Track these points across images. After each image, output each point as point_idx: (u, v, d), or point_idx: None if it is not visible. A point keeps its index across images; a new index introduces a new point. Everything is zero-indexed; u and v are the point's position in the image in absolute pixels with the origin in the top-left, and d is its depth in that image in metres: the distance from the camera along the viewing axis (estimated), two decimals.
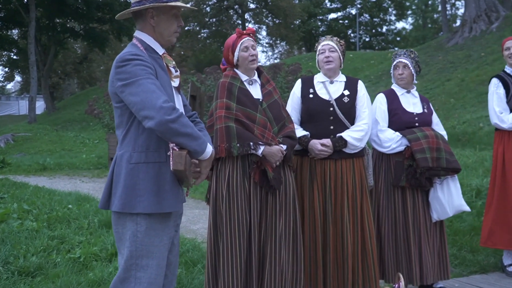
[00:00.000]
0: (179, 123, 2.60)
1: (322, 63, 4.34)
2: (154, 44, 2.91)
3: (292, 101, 4.35)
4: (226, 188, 3.79)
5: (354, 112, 4.28)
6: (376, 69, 25.29)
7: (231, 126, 3.79)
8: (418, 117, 4.50)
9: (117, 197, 2.71)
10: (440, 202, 4.37)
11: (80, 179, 12.59)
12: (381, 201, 4.46)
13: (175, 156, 2.66)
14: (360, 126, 4.23)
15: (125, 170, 2.71)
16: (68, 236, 5.86)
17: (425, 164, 4.26)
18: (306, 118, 4.28)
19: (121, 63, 2.70)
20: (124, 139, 2.78)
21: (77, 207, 7.44)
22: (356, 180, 4.19)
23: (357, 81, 4.41)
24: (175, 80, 2.96)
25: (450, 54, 21.43)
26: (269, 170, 3.80)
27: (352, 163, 4.22)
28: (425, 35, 55.55)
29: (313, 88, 4.32)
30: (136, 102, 2.61)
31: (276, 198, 3.86)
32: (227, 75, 4.02)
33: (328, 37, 4.44)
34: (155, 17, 2.88)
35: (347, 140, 4.16)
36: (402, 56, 4.64)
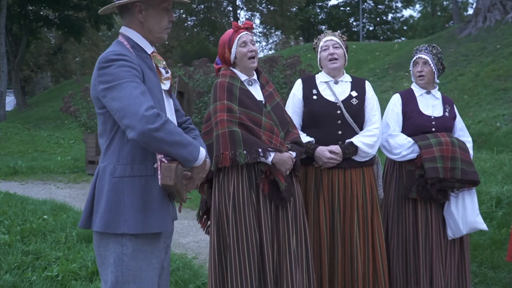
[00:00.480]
0: (165, 131, 2.54)
1: (325, 61, 4.28)
2: (142, 42, 2.86)
3: (293, 103, 4.27)
4: (232, 204, 3.68)
5: (363, 115, 4.24)
6: (381, 61, 25.28)
7: (235, 130, 3.69)
8: (436, 121, 4.44)
9: (99, 215, 2.66)
10: (453, 217, 4.31)
11: (55, 185, 12.49)
12: (391, 214, 4.42)
13: (164, 169, 2.61)
14: (371, 130, 4.18)
15: (108, 185, 2.66)
16: (44, 251, 5.80)
17: (435, 174, 4.19)
18: (309, 123, 4.21)
19: (104, 64, 2.64)
20: (107, 150, 2.73)
21: (53, 217, 7.36)
22: (367, 191, 4.14)
23: (364, 81, 4.37)
24: (165, 82, 2.90)
25: (462, 46, 21.45)
26: (281, 180, 3.71)
27: (362, 173, 4.17)
28: (434, 23, 55.69)
29: (316, 89, 4.25)
30: (118, 109, 2.55)
31: (287, 212, 3.78)
32: (224, 74, 3.94)
33: (329, 31, 4.39)
34: (144, 12, 2.82)
35: (358, 147, 4.11)
36: (423, 51, 4.57)
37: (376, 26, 58.10)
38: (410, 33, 57.11)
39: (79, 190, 11.59)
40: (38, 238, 6.38)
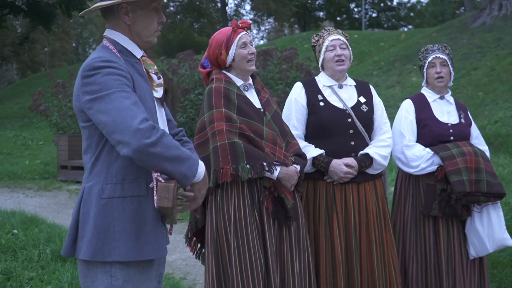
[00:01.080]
0: (162, 145, 2.51)
1: (331, 63, 4.27)
2: (131, 46, 2.83)
3: (296, 110, 4.25)
4: (234, 228, 3.62)
5: (372, 123, 4.27)
6: (387, 53, 25.35)
7: (237, 142, 3.66)
8: (454, 128, 4.46)
9: (86, 241, 2.61)
10: (478, 235, 4.31)
11: (24, 193, 12.47)
12: (408, 234, 4.41)
13: (161, 190, 2.57)
14: (385, 140, 4.21)
15: (96, 207, 2.62)
16: (16, 271, 5.78)
17: (462, 188, 4.19)
18: (317, 132, 4.20)
19: (89, 72, 2.60)
20: (93, 168, 2.69)
21: (23, 232, 7.35)
22: (380, 206, 4.17)
23: (368, 85, 4.41)
24: (157, 89, 2.88)
25: (476, 36, 21.53)
26: (287, 198, 3.70)
27: (374, 186, 4.20)
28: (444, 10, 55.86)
29: (321, 94, 4.26)
30: (107, 123, 2.51)
31: (290, 232, 3.77)
32: (219, 79, 3.90)
33: (332, 29, 4.39)
34: (130, 14, 2.79)
35: (374, 159, 4.13)
36: (437, 51, 4.57)
37: (380, 12, 58.24)
38: (418, 21, 57.29)
39: (51, 199, 11.58)
40: (7, 256, 6.36)
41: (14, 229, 7.57)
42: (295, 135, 4.15)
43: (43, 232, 7.29)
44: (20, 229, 7.58)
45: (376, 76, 21.23)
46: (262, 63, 13.21)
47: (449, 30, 24.25)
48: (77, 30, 61.04)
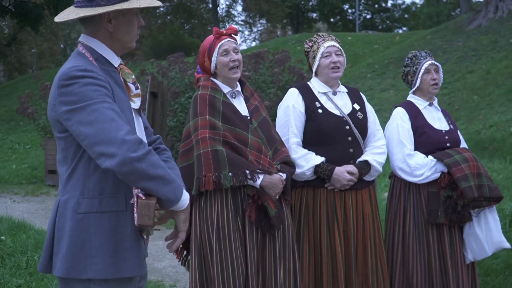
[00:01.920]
0: (148, 162, 2.48)
1: (326, 69, 4.33)
2: (108, 53, 2.78)
3: (294, 117, 4.28)
4: (216, 233, 3.69)
5: (367, 130, 4.34)
6: (381, 55, 25.42)
7: (219, 150, 3.71)
8: (448, 135, 4.55)
9: (61, 257, 2.58)
10: (477, 239, 4.39)
11: (11, 198, 12.46)
12: (411, 245, 4.44)
13: (141, 207, 2.53)
14: (380, 147, 4.32)
15: (71, 222, 2.58)
16: (4, 278, 5.82)
17: (472, 194, 4.27)
18: (315, 140, 4.26)
19: (66, 82, 2.54)
20: (69, 180, 2.64)
21: (11, 238, 7.37)
22: (374, 212, 4.27)
23: (359, 92, 4.51)
24: (135, 100, 2.83)
25: (472, 39, 21.63)
26: (270, 206, 3.74)
27: (369, 193, 4.29)
28: (439, 11, 56.06)
29: (318, 101, 4.32)
30: (89, 134, 2.47)
31: (275, 241, 3.82)
32: (205, 86, 3.96)
33: (326, 35, 4.45)
34: (113, 21, 2.74)
35: (372, 165, 4.22)
36: (429, 57, 4.64)
37: (374, 14, 58.40)
38: (413, 22, 57.45)
39: (39, 204, 11.59)
40: None
41: (1, 235, 7.59)
42: (295, 142, 4.23)
43: (31, 238, 7.32)
44: (7, 235, 7.59)
45: (370, 79, 21.31)
46: (253, 66, 13.23)
47: (444, 32, 24.36)
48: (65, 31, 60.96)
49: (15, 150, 21.57)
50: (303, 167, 4.17)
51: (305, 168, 4.17)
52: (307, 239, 4.20)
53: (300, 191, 4.28)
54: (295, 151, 4.22)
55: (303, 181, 4.24)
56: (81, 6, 2.70)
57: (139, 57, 18.72)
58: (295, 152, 4.21)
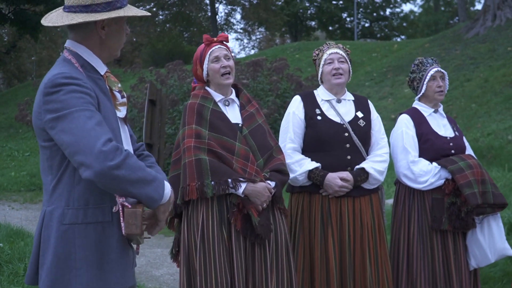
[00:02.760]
0: (126, 167, 2.45)
1: (328, 76, 4.36)
2: (95, 61, 2.76)
3: (293, 123, 4.32)
4: (201, 240, 3.69)
5: (370, 138, 4.33)
6: (379, 64, 25.45)
7: (203, 158, 3.72)
8: (453, 142, 4.56)
9: (46, 270, 2.55)
10: (480, 245, 4.40)
11: (9, 205, 12.47)
12: (415, 250, 4.45)
13: (128, 216, 2.52)
14: (381, 156, 4.29)
15: (56, 233, 2.55)
16: (1, 285, 5.80)
17: (475, 201, 4.28)
18: (314, 146, 4.28)
19: (51, 89, 2.51)
20: (54, 191, 2.61)
21: (9, 245, 7.35)
22: (375, 220, 4.25)
23: (367, 101, 4.49)
24: (121, 108, 2.81)
25: (469, 47, 21.66)
26: (253, 215, 3.71)
27: (370, 201, 4.27)
28: (438, 20, 56.17)
29: (319, 108, 4.33)
30: (70, 143, 2.44)
31: (265, 251, 3.78)
32: (196, 95, 3.98)
33: (333, 43, 4.48)
34: (106, 27, 2.73)
35: (370, 173, 4.20)
36: (435, 64, 4.65)
37: (373, 22, 58.40)
38: (411, 31, 57.50)
39: (37, 211, 11.57)
40: None
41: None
42: (291, 148, 4.25)
43: (29, 245, 7.29)
44: (5, 242, 7.57)
45: (368, 87, 21.33)
46: (252, 74, 13.26)
47: (442, 40, 24.39)
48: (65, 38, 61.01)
49: (14, 157, 21.54)
50: (296, 172, 4.21)
51: (298, 173, 4.21)
52: (302, 244, 4.22)
53: (297, 196, 4.32)
54: (290, 156, 4.25)
55: (300, 187, 4.26)
56: (75, 11, 2.67)
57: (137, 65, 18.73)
58: (290, 157, 4.24)
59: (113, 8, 2.68)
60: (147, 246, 7.98)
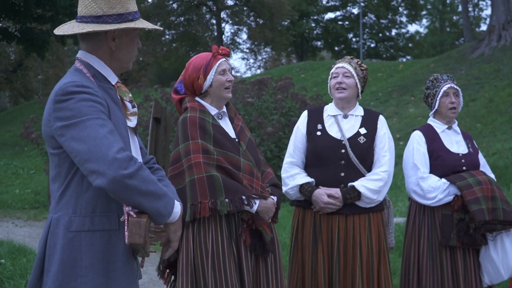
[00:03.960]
0: (139, 178, 2.47)
1: (333, 90, 4.36)
2: (106, 71, 2.79)
3: (295, 138, 4.36)
4: (211, 259, 3.60)
5: (372, 155, 4.28)
6: (384, 83, 25.50)
7: (215, 175, 3.63)
8: (465, 158, 4.53)
9: (51, 276, 2.56)
10: (493, 262, 4.38)
11: (13, 222, 12.43)
12: (424, 266, 4.44)
13: (132, 225, 2.53)
14: (378, 174, 4.21)
15: (63, 241, 2.57)
16: None
17: (482, 217, 4.27)
18: (312, 161, 4.29)
19: (62, 97, 2.54)
20: (61, 198, 2.63)
21: (11, 261, 7.34)
22: (373, 240, 4.17)
23: (377, 116, 4.40)
24: (131, 118, 2.84)
25: (475, 67, 21.68)
26: (266, 231, 3.70)
27: (367, 220, 4.20)
28: (443, 40, 56.36)
29: (322, 124, 4.32)
30: (81, 151, 2.46)
31: (267, 264, 3.79)
32: (193, 108, 3.85)
33: (348, 58, 4.43)
34: (117, 39, 2.77)
35: (360, 192, 4.15)
36: (449, 80, 4.64)
37: (378, 42, 58.52)
38: (416, 51, 57.62)
39: (40, 228, 11.53)
40: None
41: (1, 258, 7.57)
42: (288, 162, 4.28)
43: (31, 262, 7.28)
44: (7, 258, 7.57)
45: (373, 106, 21.33)
46: (257, 92, 13.26)
47: (447, 60, 24.42)
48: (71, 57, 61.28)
49: (19, 175, 21.58)
50: (287, 186, 4.26)
51: (289, 187, 4.26)
52: (295, 258, 4.24)
53: (295, 210, 4.35)
54: (286, 170, 4.32)
55: (297, 201, 4.29)
56: (87, 21, 2.71)
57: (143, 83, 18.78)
58: (285, 171, 4.32)
59: (124, 20, 2.72)
60: (149, 263, 7.93)
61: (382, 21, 57.11)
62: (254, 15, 47.75)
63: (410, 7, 56.85)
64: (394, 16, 57.50)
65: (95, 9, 2.70)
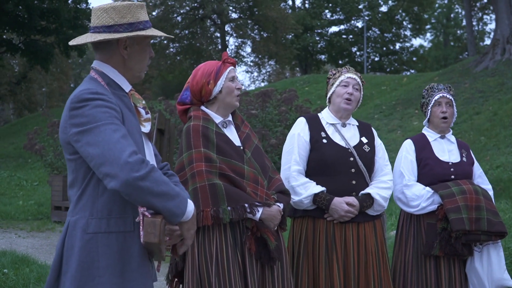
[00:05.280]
0: (151, 179, 2.54)
1: (339, 98, 4.33)
2: (120, 79, 2.87)
3: (298, 146, 4.28)
4: (216, 267, 3.60)
5: (373, 164, 4.32)
6: (388, 97, 25.49)
7: (217, 183, 3.64)
8: (455, 167, 4.52)
9: (69, 277, 2.63)
10: (477, 274, 4.35)
11: (16, 233, 12.46)
12: (410, 275, 4.43)
13: (147, 225, 2.59)
14: (386, 182, 4.27)
15: (80, 242, 2.65)
16: None
17: (460, 226, 4.24)
18: (318, 170, 4.25)
19: (77, 104, 2.64)
20: (78, 202, 2.71)
21: (14, 271, 7.36)
22: (379, 247, 4.20)
23: (370, 127, 4.46)
24: (145, 124, 2.92)
25: (478, 81, 21.68)
26: (270, 239, 3.69)
27: (373, 227, 4.24)
28: (447, 54, 56.48)
29: (325, 131, 4.31)
30: (95, 155, 2.54)
31: (273, 271, 3.77)
32: (197, 117, 3.85)
33: (352, 69, 4.45)
34: (129, 48, 2.85)
35: (375, 199, 4.17)
36: (443, 90, 4.64)
37: (382, 56, 58.61)
38: (420, 65, 57.69)
39: (43, 239, 11.57)
40: None
41: (4, 268, 7.59)
42: (296, 170, 4.21)
43: (33, 272, 7.30)
44: (10, 268, 7.59)
45: (377, 119, 21.33)
46: (261, 104, 13.30)
47: (451, 74, 24.44)
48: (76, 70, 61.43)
49: (23, 186, 21.60)
50: (301, 195, 4.16)
51: (303, 196, 4.15)
52: (306, 270, 4.17)
53: (301, 221, 4.27)
54: (296, 178, 4.20)
55: (304, 211, 4.22)
56: (99, 31, 2.80)
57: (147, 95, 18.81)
58: (295, 180, 4.20)
59: (135, 29, 2.81)
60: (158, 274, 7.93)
61: (386, 35, 57.25)
62: (258, 28, 47.87)
63: (414, 21, 56.98)
64: (398, 30, 57.63)
65: (106, 19, 2.80)
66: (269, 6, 44.23)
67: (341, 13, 55.65)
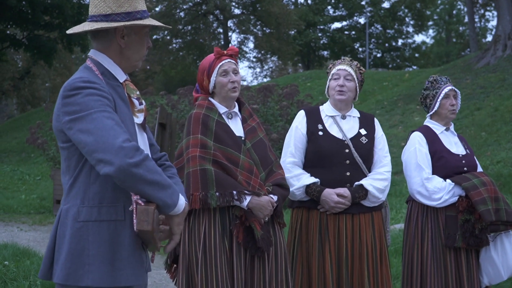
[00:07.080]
0: (144, 167, 2.55)
1: (332, 91, 4.36)
2: (115, 69, 2.87)
3: (295, 138, 4.32)
4: (202, 250, 3.67)
5: (372, 156, 4.30)
6: (390, 93, 25.49)
7: (208, 169, 3.71)
8: (465, 159, 4.56)
9: (60, 264, 2.64)
10: (493, 263, 4.40)
11: (18, 227, 12.48)
12: (429, 269, 4.43)
13: (140, 213, 2.58)
14: (383, 174, 4.27)
15: (71, 230, 2.65)
16: None
17: (490, 218, 4.28)
18: (314, 161, 4.27)
19: (70, 92, 2.64)
20: (71, 190, 2.72)
21: (15, 263, 7.37)
22: (376, 238, 4.21)
23: (373, 118, 4.46)
24: (138, 115, 2.92)
25: (480, 77, 21.67)
26: (256, 228, 3.72)
27: (371, 219, 4.24)
28: (449, 51, 56.31)
29: (322, 124, 4.32)
30: (88, 142, 2.54)
31: (264, 264, 3.78)
32: (201, 105, 3.96)
33: (347, 59, 4.45)
34: (126, 37, 2.85)
35: (368, 191, 4.17)
36: (449, 83, 4.66)
37: (385, 52, 58.52)
38: (423, 61, 57.60)
39: (45, 233, 11.57)
40: None
41: (5, 260, 7.60)
42: (291, 162, 4.24)
43: (34, 264, 7.31)
44: (11, 261, 7.60)
45: (379, 115, 21.32)
46: (262, 99, 13.28)
47: (452, 70, 24.41)
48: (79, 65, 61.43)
49: (25, 181, 21.63)
50: (294, 186, 4.20)
51: (295, 187, 4.20)
52: (300, 260, 4.20)
53: (297, 212, 4.31)
54: (289, 170, 4.25)
55: (300, 202, 4.25)
56: (96, 20, 2.80)
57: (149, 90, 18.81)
58: (289, 172, 4.24)
59: (132, 18, 2.81)
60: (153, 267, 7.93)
61: (389, 31, 57.15)
62: (261, 24, 47.80)
63: (417, 17, 56.86)
64: (400, 26, 57.51)
65: (104, 8, 2.80)
66: (272, 2, 44.13)
67: (343, 9, 55.58)
